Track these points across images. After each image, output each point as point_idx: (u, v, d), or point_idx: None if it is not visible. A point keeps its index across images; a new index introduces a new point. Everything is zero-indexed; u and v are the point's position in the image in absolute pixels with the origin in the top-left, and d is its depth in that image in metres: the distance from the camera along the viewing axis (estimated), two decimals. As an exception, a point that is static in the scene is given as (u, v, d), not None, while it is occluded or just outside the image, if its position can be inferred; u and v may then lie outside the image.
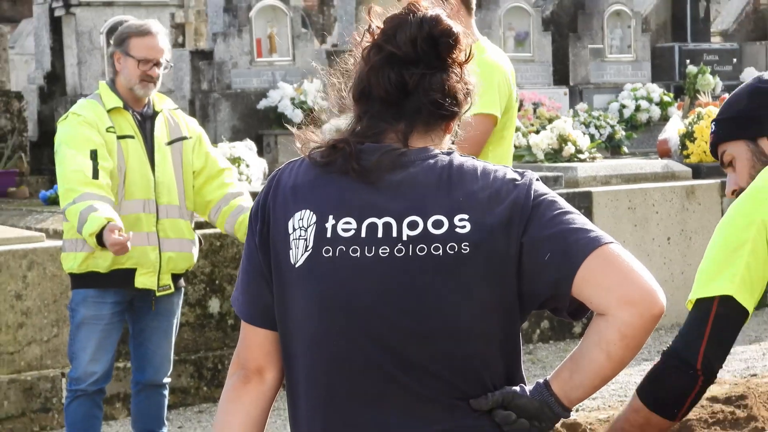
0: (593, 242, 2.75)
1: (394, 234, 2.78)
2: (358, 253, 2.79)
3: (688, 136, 12.66)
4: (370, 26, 2.92)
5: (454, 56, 2.90)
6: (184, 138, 6.80)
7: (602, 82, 16.01)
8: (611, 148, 13.61)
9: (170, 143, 6.73)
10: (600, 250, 2.74)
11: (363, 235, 2.80)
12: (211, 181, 6.81)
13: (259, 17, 13.79)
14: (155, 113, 6.72)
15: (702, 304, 3.57)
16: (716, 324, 3.52)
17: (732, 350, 10.61)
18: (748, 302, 3.57)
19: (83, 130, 6.47)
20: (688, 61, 16.57)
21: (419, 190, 2.83)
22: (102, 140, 6.44)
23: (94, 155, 6.38)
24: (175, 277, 6.79)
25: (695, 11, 17.50)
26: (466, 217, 2.78)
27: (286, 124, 11.69)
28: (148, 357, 6.89)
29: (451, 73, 2.90)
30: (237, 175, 6.86)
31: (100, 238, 6.09)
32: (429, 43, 2.86)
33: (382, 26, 2.90)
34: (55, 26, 13.58)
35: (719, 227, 3.70)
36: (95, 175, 6.32)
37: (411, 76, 2.85)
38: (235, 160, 9.71)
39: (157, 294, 6.72)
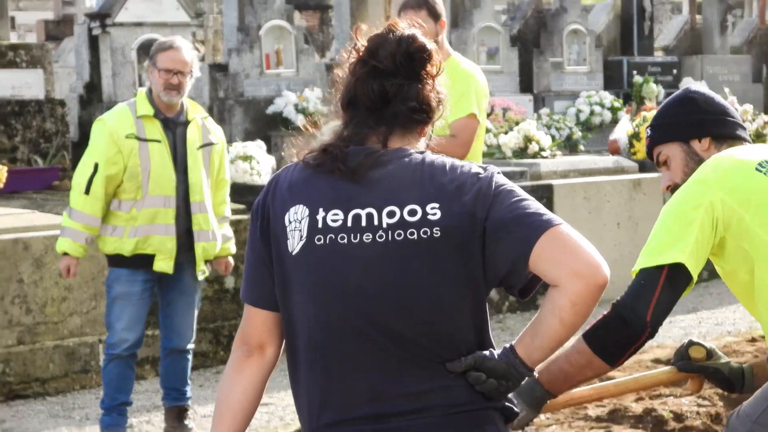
0: (546, 224, 2.78)
1: (376, 222, 2.81)
2: (346, 240, 2.82)
3: (635, 136, 12.67)
4: (356, 44, 2.94)
5: (427, 70, 2.92)
6: (211, 144, 6.79)
7: (561, 90, 16.00)
8: (569, 146, 13.61)
9: (201, 147, 6.71)
10: (551, 230, 2.76)
11: (349, 224, 2.82)
12: (218, 191, 6.89)
13: (268, 35, 13.74)
14: (188, 121, 6.69)
15: (654, 269, 3.58)
16: (666, 285, 3.55)
17: (672, 318, 10.61)
18: (695, 271, 3.58)
19: (99, 141, 6.56)
20: (634, 72, 16.57)
21: (396, 184, 2.85)
22: (116, 147, 6.47)
23: (95, 168, 6.46)
24: (207, 261, 6.79)
25: (641, 29, 17.50)
26: (437, 205, 2.80)
27: (290, 128, 11.76)
28: (174, 326, 6.89)
29: (425, 84, 2.92)
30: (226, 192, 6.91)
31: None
32: (406, 58, 2.89)
33: (366, 44, 2.92)
34: (93, 43, 13.54)
35: (667, 210, 3.71)
36: (87, 189, 6.45)
37: (391, 86, 2.88)
38: (247, 158, 9.70)
39: (199, 279, 6.78)
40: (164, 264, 6.55)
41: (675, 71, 17.40)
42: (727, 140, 3.95)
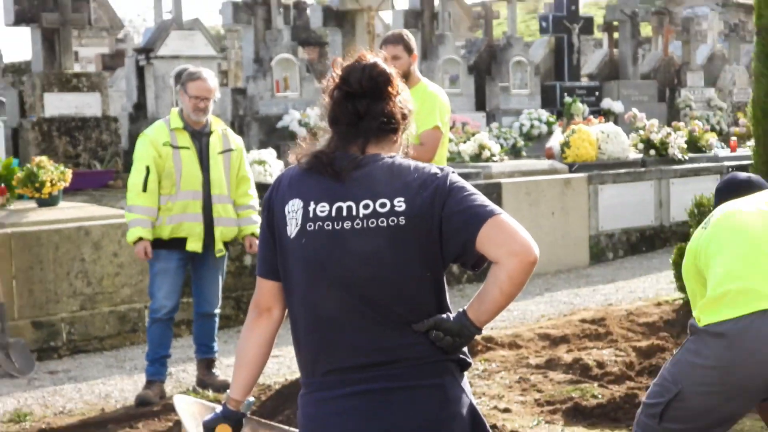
0: (489, 213, 2.79)
1: (354, 213, 2.84)
2: (330, 227, 2.85)
3: (565, 144, 12.64)
4: (332, 74, 2.98)
5: (389, 90, 2.94)
6: (231, 150, 6.80)
7: (508, 108, 15.97)
8: (514, 153, 13.58)
9: (221, 153, 6.71)
10: (493, 218, 2.78)
11: (333, 214, 2.85)
12: (239, 186, 6.87)
13: (277, 66, 13.71)
14: (211, 132, 6.70)
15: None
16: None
17: (595, 288, 10.53)
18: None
19: (144, 149, 6.57)
20: (565, 94, 16.57)
21: (370, 182, 2.87)
22: (157, 153, 6.51)
23: (147, 170, 6.49)
24: (227, 243, 6.80)
25: (570, 60, 17.49)
26: (402, 199, 2.83)
27: (296, 139, 11.77)
28: (203, 295, 6.90)
29: (389, 101, 2.94)
30: (253, 189, 6.91)
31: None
32: (370, 81, 2.92)
33: (340, 73, 2.95)
34: (140, 72, 13.49)
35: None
36: (144, 188, 6.49)
37: (361, 105, 2.92)
38: (261, 162, 9.71)
39: (217, 256, 6.76)
40: (194, 245, 6.58)
41: (597, 93, 17.43)
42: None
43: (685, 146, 14.03)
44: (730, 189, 4.02)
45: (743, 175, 4.12)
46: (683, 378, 3.54)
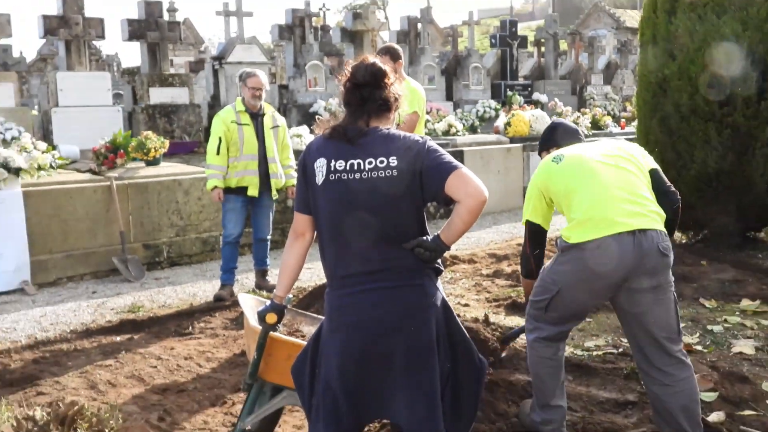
0: (453, 167, 2.82)
1: (361, 167, 2.85)
2: (346, 177, 2.86)
3: (507, 124, 12.62)
4: (345, 71, 3.00)
5: (385, 80, 2.96)
6: (277, 126, 6.74)
7: (468, 99, 15.85)
8: (472, 130, 13.51)
9: (271, 128, 6.66)
10: (456, 171, 2.81)
11: (347, 168, 2.86)
12: (283, 151, 6.80)
13: (310, 69, 13.60)
14: (264, 114, 6.64)
15: (526, 221, 3.80)
16: (530, 234, 3.80)
17: (470, 234, 10.31)
18: (542, 223, 3.75)
19: (218, 125, 6.53)
20: (507, 89, 16.45)
21: (372, 146, 2.88)
22: (226, 128, 6.48)
23: (220, 140, 6.47)
24: (277, 190, 6.79)
25: (511, 66, 17.34)
26: (395, 158, 2.85)
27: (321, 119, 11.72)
28: (259, 226, 6.87)
29: (385, 89, 2.96)
30: (292, 154, 6.88)
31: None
32: (371, 75, 2.94)
33: (350, 70, 2.98)
34: (215, 74, 13.37)
35: (530, 183, 3.85)
36: (218, 152, 6.47)
37: (365, 92, 2.94)
38: (299, 135, 9.67)
39: (267, 199, 6.74)
40: (253, 191, 6.58)
41: (529, 89, 17.30)
42: (554, 147, 3.94)
43: (590, 125, 14.00)
44: (567, 130, 3.99)
45: (570, 124, 4.10)
46: (560, 281, 3.55)
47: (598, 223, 3.43)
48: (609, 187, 3.51)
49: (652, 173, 3.71)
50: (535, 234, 3.75)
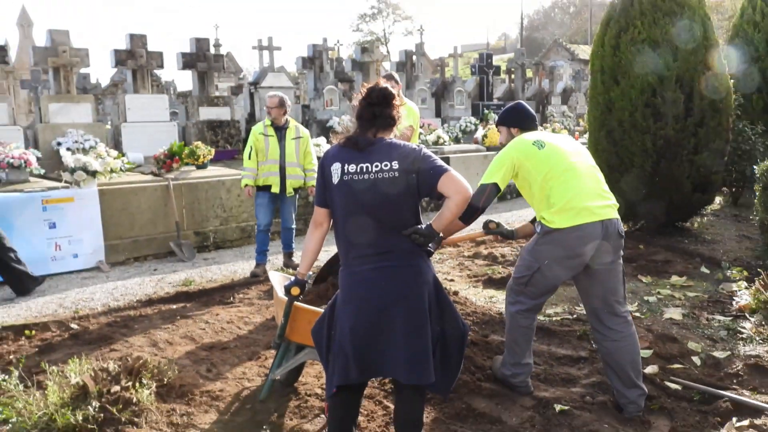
0: (444, 170, 2.79)
1: (369, 169, 2.81)
2: (357, 178, 2.82)
3: (485, 136, 12.58)
4: (361, 91, 2.93)
5: (393, 101, 2.91)
6: (300, 137, 6.65)
7: (453, 116, 15.74)
8: (456, 141, 13.45)
9: (293, 138, 6.58)
10: (446, 173, 2.78)
11: (358, 170, 2.82)
12: (305, 158, 6.67)
13: (326, 92, 13.50)
14: (288, 127, 6.57)
15: (486, 183, 3.55)
16: (489, 192, 3.52)
17: (500, 214, 10.26)
18: (503, 187, 3.56)
19: (251, 137, 6.51)
20: (484, 109, 16.33)
21: (379, 153, 2.83)
22: (256, 138, 6.46)
23: (251, 148, 6.44)
24: (295, 189, 6.70)
25: (488, 89, 17.22)
26: (396, 162, 2.80)
27: (334, 133, 11.67)
28: (285, 217, 6.80)
29: (392, 108, 2.92)
30: (315, 158, 6.82)
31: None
32: (383, 97, 2.89)
33: (365, 91, 2.92)
34: (251, 96, 13.33)
35: (496, 157, 3.66)
36: (249, 157, 6.45)
37: (377, 110, 2.89)
38: (318, 144, 9.60)
39: (288, 196, 6.64)
40: (275, 188, 6.53)
41: (501, 108, 17.19)
42: (525, 130, 3.86)
43: (550, 137, 13.94)
44: (529, 115, 3.86)
45: (530, 109, 3.93)
46: (541, 259, 3.52)
47: (579, 212, 3.41)
48: (585, 181, 3.49)
49: None
50: (493, 195, 3.52)
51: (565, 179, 3.47)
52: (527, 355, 3.73)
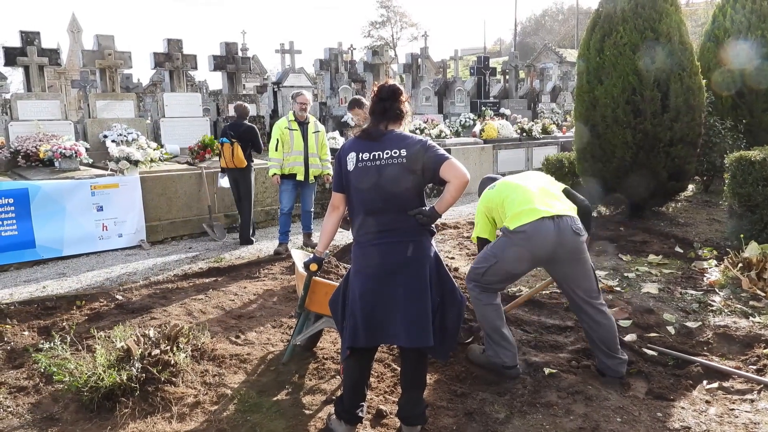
0: (446, 158, 2.76)
1: (381, 157, 2.78)
2: (370, 164, 2.79)
3: (482, 130, 12.47)
4: (373, 90, 2.90)
5: (401, 97, 2.87)
6: (318, 131, 6.62)
7: (454, 113, 15.63)
8: (456, 134, 13.36)
9: (314, 132, 6.55)
10: (448, 160, 2.75)
11: (371, 158, 2.80)
12: (321, 149, 6.63)
13: (341, 91, 13.42)
14: (308, 122, 6.53)
15: (478, 238, 3.72)
16: (479, 244, 3.70)
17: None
18: (488, 237, 3.66)
19: (276, 130, 6.43)
20: (482, 106, 16.21)
21: (389, 142, 2.80)
22: (281, 132, 6.39)
23: (277, 141, 6.38)
24: (315, 176, 6.66)
25: (485, 89, 17.06)
26: (405, 150, 2.78)
27: (348, 128, 11.57)
28: (305, 201, 6.78)
29: (400, 103, 2.88)
30: (329, 151, 6.77)
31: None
32: (391, 93, 2.85)
33: (376, 89, 2.89)
34: (275, 94, 13.25)
35: (476, 213, 3.76)
36: (276, 149, 6.38)
37: (386, 104, 2.86)
38: (333, 138, 9.57)
39: (310, 183, 6.60)
40: (300, 176, 6.48)
41: (497, 105, 17.03)
42: (489, 184, 3.91)
43: (541, 131, 13.78)
44: (491, 179, 3.97)
45: (493, 176, 4.07)
46: (500, 254, 3.45)
47: (528, 213, 3.38)
48: (531, 189, 3.52)
49: (565, 192, 3.66)
50: (484, 243, 3.68)
51: (514, 193, 3.52)
52: (506, 332, 3.56)
